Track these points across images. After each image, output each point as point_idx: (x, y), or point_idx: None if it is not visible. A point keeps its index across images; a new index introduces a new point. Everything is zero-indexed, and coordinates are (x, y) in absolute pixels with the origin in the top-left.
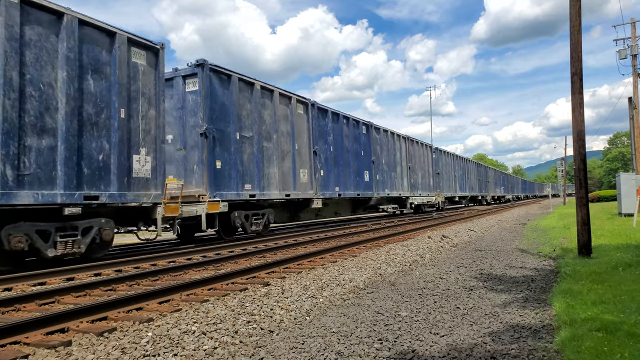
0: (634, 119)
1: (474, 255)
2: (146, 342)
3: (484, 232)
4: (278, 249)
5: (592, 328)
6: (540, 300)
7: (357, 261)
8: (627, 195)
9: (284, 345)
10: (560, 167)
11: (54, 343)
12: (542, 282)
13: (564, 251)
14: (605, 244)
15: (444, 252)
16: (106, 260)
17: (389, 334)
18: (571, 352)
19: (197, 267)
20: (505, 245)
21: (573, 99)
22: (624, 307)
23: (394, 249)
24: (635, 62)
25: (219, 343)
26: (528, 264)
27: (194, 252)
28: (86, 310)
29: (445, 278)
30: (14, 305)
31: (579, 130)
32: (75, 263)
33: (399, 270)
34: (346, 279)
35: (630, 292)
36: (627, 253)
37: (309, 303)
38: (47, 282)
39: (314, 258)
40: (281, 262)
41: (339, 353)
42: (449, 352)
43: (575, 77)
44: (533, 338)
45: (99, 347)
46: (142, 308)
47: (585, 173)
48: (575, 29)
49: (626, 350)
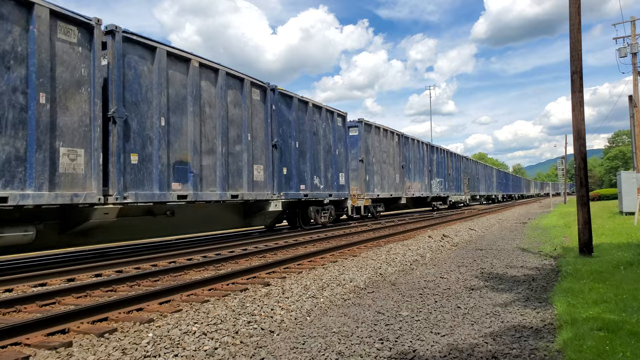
0: (635, 117)
1: (474, 254)
2: (147, 342)
3: (484, 231)
4: (278, 249)
5: (594, 327)
6: (541, 300)
7: (357, 261)
8: (628, 193)
9: (284, 345)
10: (561, 166)
11: (55, 344)
12: (543, 281)
13: (565, 250)
14: (607, 243)
15: (445, 251)
16: (109, 260)
17: (389, 334)
18: (573, 352)
19: (197, 267)
20: (506, 244)
21: (573, 98)
22: (625, 306)
23: (395, 248)
24: (635, 60)
25: (220, 343)
26: (529, 263)
27: (194, 252)
28: (87, 311)
29: (446, 277)
30: (14, 306)
31: (579, 128)
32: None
33: (400, 270)
34: (347, 279)
35: (632, 291)
36: (629, 252)
37: (309, 303)
38: (47, 283)
39: (315, 258)
40: (281, 262)
41: (339, 353)
42: (450, 352)
43: (575, 75)
44: (534, 337)
45: (99, 348)
46: (142, 309)
47: (585, 172)
48: (575, 27)
49: (628, 350)
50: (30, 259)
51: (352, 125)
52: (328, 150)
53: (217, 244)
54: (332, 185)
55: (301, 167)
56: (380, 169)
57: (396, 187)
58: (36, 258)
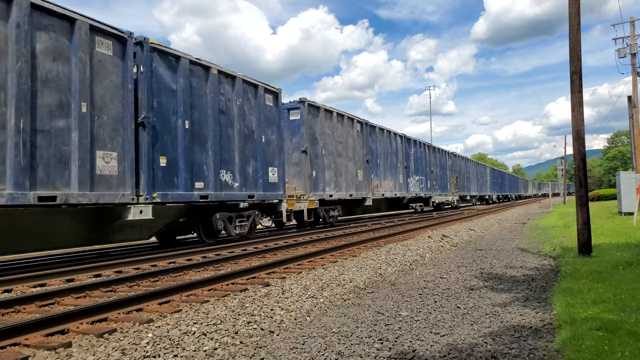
0: (634, 117)
1: (474, 254)
2: (146, 343)
3: (484, 232)
4: (278, 249)
5: (593, 327)
6: (540, 300)
7: (357, 261)
8: (627, 194)
9: (284, 345)
10: (560, 166)
11: (54, 344)
12: (543, 281)
13: (564, 250)
14: (606, 243)
15: (444, 251)
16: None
17: (389, 334)
18: (572, 352)
19: (197, 267)
20: (505, 245)
21: (572, 98)
22: (624, 306)
23: (394, 248)
24: (634, 60)
25: (220, 344)
26: (528, 263)
27: (194, 253)
28: (86, 312)
29: (446, 278)
30: (14, 306)
31: (578, 129)
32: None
33: (399, 270)
34: (346, 279)
35: (631, 291)
36: (628, 252)
37: (309, 303)
38: (47, 283)
39: (314, 258)
40: (281, 262)
41: (339, 353)
42: (450, 352)
43: (575, 76)
44: (533, 337)
45: (99, 348)
46: (142, 309)
47: (585, 172)
48: (575, 28)
49: (627, 349)
50: (30, 259)
51: (292, 107)
52: (248, 137)
53: (217, 245)
54: (256, 184)
55: (197, 157)
56: (334, 163)
57: (358, 186)
58: (36, 258)
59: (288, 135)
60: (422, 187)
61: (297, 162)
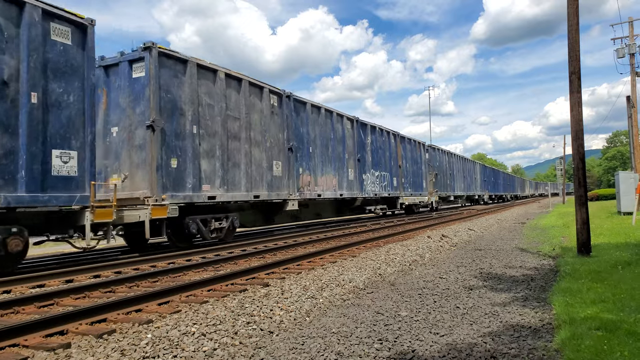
0: (632, 117)
1: (473, 254)
2: (145, 343)
3: (483, 232)
4: (277, 249)
5: (592, 327)
6: (540, 299)
7: (356, 261)
8: (626, 193)
9: (283, 346)
10: (559, 166)
11: (53, 345)
12: (542, 281)
13: (563, 250)
14: (605, 243)
15: (444, 251)
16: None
17: (388, 334)
18: (571, 351)
19: (196, 268)
20: (504, 245)
21: (571, 98)
22: (623, 306)
23: (394, 248)
24: (633, 60)
25: (219, 344)
26: (528, 263)
27: (193, 253)
28: (85, 312)
29: (445, 278)
30: (12, 307)
31: (577, 129)
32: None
33: (399, 270)
34: (346, 279)
35: (630, 291)
36: (627, 251)
37: (308, 303)
38: (46, 284)
39: (314, 258)
40: (281, 262)
41: (339, 353)
42: (449, 352)
43: (574, 76)
44: (533, 337)
45: (98, 349)
46: (141, 310)
47: (584, 172)
48: (573, 28)
49: (626, 349)
50: (30, 260)
51: (133, 57)
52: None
53: (216, 245)
54: (35, 182)
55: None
56: (220, 148)
57: (271, 184)
58: (36, 259)
59: (129, 103)
60: (384, 185)
61: (139, 144)
